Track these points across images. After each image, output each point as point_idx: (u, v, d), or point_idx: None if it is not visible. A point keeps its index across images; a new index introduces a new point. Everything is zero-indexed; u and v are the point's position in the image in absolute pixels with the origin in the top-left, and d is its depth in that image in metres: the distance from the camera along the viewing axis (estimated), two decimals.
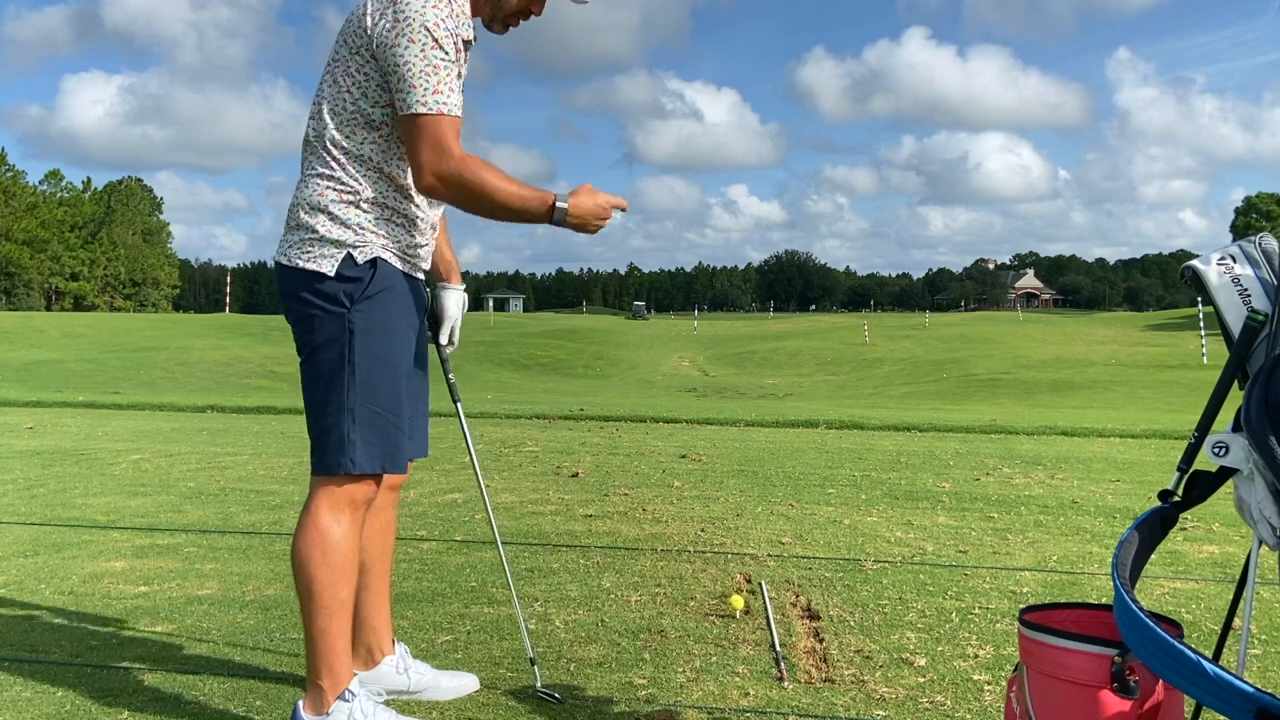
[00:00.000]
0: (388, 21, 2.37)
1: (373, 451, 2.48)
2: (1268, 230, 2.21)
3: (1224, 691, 1.53)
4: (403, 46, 2.35)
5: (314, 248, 2.47)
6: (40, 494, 6.09)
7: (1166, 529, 1.94)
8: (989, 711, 2.72)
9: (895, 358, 44.53)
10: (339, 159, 2.49)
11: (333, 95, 2.49)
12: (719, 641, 3.31)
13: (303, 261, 2.47)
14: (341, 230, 2.47)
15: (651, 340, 61.62)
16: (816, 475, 6.89)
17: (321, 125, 2.51)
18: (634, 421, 11.11)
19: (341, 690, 2.48)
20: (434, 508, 5.63)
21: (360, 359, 2.46)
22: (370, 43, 2.40)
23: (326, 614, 2.46)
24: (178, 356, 36.15)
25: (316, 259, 2.46)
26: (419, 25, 2.34)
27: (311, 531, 2.47)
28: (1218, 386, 1.92)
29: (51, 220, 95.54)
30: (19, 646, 3.24)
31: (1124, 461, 7.86)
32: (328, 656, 2.48)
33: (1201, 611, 3.69)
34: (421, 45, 2.35)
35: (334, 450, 2.46)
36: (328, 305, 2.46)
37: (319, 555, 2.46)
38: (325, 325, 2.47)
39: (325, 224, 2.47)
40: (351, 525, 2.51)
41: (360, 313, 2.46)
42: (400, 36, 2.35)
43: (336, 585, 2.47)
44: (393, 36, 2.36)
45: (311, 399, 2.51)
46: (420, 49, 2.35)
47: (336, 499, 2.49)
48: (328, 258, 2.46)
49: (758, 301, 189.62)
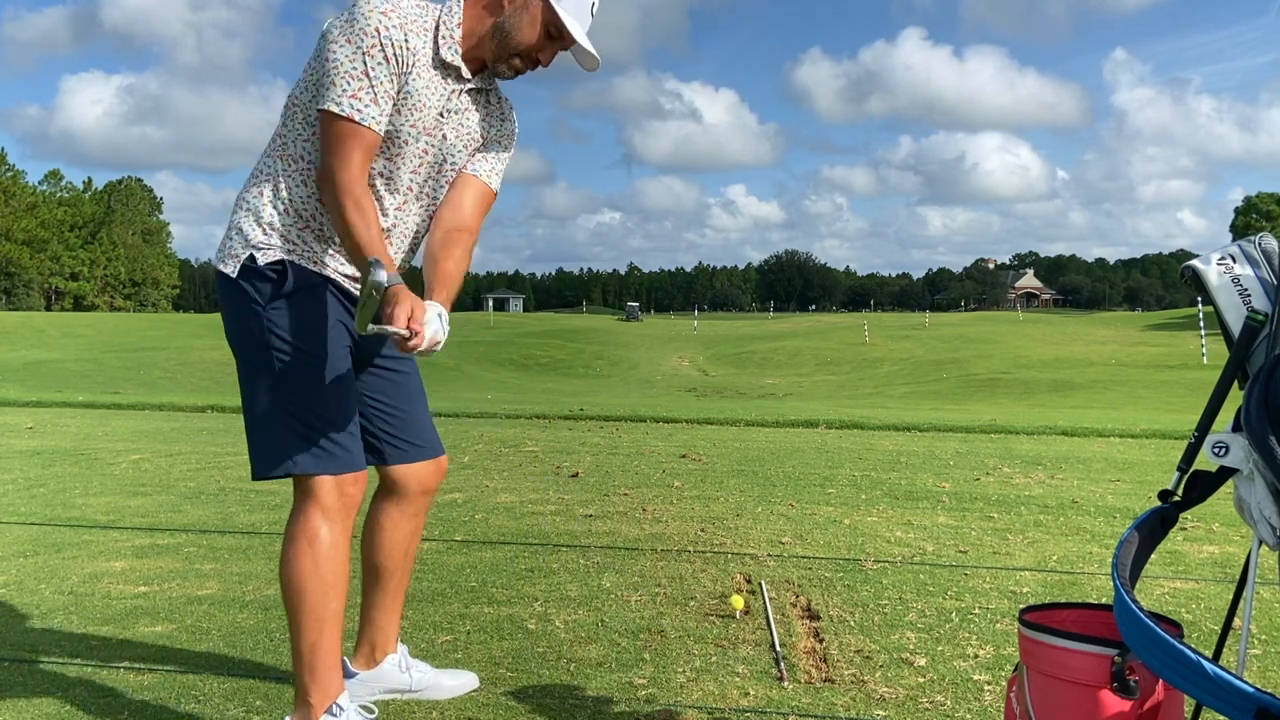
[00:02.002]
0: (340, 20, 2.35)
1: (316, 453, 2.41)
2: (1268, 230, 2.21)
3: (1224, 691, 1.53)
4: (340, 44, 2.32)
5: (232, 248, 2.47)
6: (40, 494, 6.09)
7: (1166, 529, 1.94)
8: (989, 711, 2.72)
9: (895, 358, 44.52)
10: (274, 158, 2.49)
11: (292, 93, 2.49)
12: (719, 641, 3.31)
13: (220, 264, 2.48)
14: (253, 230, 2.45)
15: (651, 340, 61.61)
16: (816, 475, 6.89)
17: (279, 123, 2.51)
18: (634, 421, 11.10)
19: (330, 705, 2.43)
20: (434, 508, 5.63)
21: (283, 358, 2.41)
22: (322, 38, 2.38)
23: (317, 627, 2.41)
24: (178, 356, 36.15)
25: (227, 259, 2.47)
26: (361, 28, 2.31)
27: (300, 541, 2.41)
28: (1218, 386, 1.92)
29: (51, 220, 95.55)
30: (19, 646, 3.24)
31: (1124, 461, 7.85)
32: (318, 671, 2.42)
33: (1201, 611, 3.69)
34: (357, 46, 2.31)
35: (273, 453, 2.40)
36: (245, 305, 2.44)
37: (309, 566, 2.40)
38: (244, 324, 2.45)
39: (248, 223, 2.46)
40: (343, 533, 2.45)
41: (276, 310, 2.42)
42: (341, 34, 2.32)
43: (328, 597, 2.41)
44: (335, 32, 2.33)
45: (246, 401, 2.47)
46: (355, 49, 2.31)
47: (321, 506, 2.42)
48: (235, 258, 2.45)
49: (758, 301, 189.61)
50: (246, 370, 2.46)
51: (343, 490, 2.45)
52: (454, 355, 35.55)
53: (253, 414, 2.45)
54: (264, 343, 2.41)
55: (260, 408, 2.43)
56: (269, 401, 2.41)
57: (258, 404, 2.43)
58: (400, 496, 2.77)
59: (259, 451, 2.43)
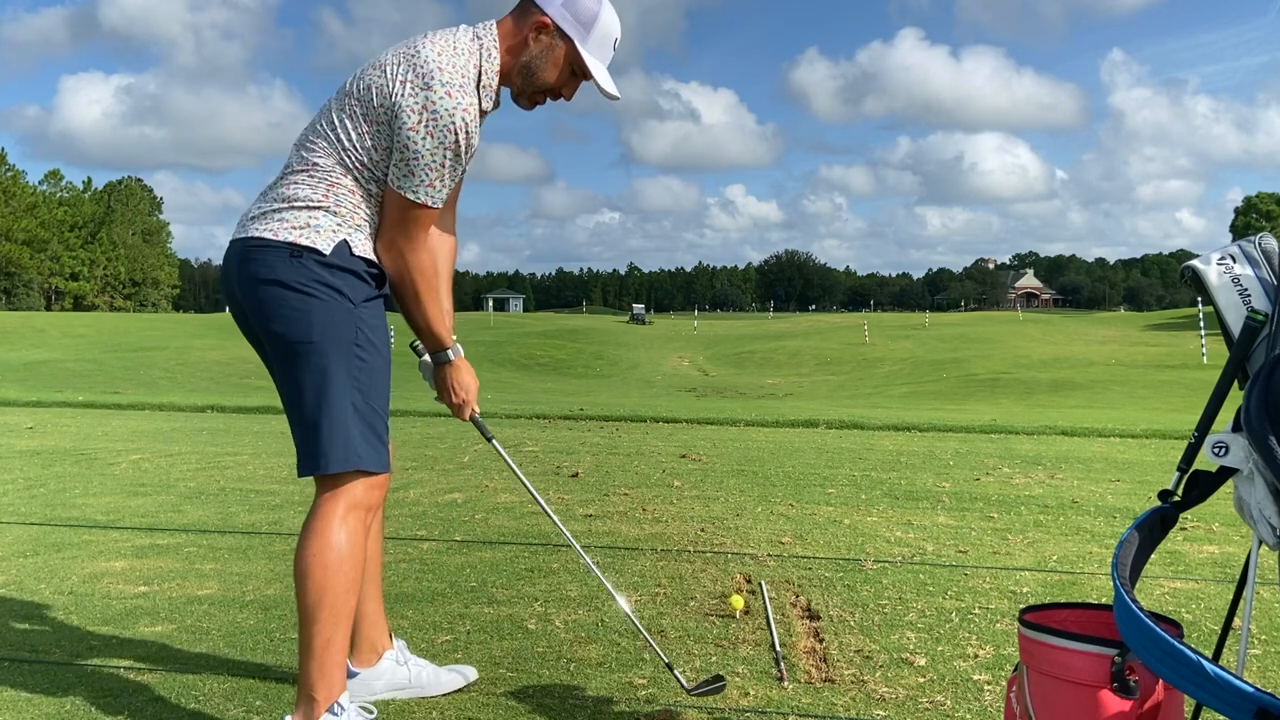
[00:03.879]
0: (416, 104, 2.38)
1: (374, 450, 2.46)
2: (1267, 230, 2.21)
3: (1224, 691, 1.53)
4: (421, 136, 2.39)
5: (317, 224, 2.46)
6: (40, 494, 6.09)
7: (1166, 529, 1.94)
8: (989, 711, 2.72)
9: (895, 358, 44.52)
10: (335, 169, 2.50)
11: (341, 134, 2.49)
12: (719, 641, 3.30)
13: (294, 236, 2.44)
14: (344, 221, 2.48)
15: (651, 340, 61.62)
16: (816, 475, 6.89)
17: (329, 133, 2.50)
18: (634, 421, 11.10)
19: (332, 703, 2.43)
20: (434, 508, 5.63)
21: (362, 357, 2.46)
22: (393, 117, 2.41)
23: (333, 624, 2.41)
24: (178, 356, 36.15)
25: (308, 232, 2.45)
26: (445, 124, 2.39)
27: (323, 539, 2.41)
28: (1218, 386, 1.92)
29: (51, 220, 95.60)
30: (19, 646, 3.24)
31: (1124, 461, 7.85)
32: (328, 668, 2.42)
33: (1201, 611, 3.69)
34: (439, 142, 2.40)
35: (340, 448, 2.41)
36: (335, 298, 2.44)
37: (333, 563, 2.40)
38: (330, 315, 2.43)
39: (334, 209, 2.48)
40: (362, 531, 2.47)
41: (367, 310, 2.49)
42: (423, 125, 2.39)
43: (349, 594, 2.43)
44: (415, 122, 2.39)
45: (306, 394, 2.44)
46: (437, 144, 2.40)
47: (351, 503, 2.44)
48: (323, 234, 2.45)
49: (758, 301, 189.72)
50: (319, 364, 2.42)
51: (374, 489, 2.50)
52: None
53: (322, 409, 2.42)
54: (350, 340, 2.44)
55: (333, 404, 2.42)
56: (342, 398, 2.42)
57: (330, 400, 2.42)
58: None
59: (329, 445, 2.41)
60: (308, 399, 2.44)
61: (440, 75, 2.39)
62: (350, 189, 2.49)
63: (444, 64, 2.41)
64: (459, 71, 2.42)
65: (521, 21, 2.52)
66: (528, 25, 2.50)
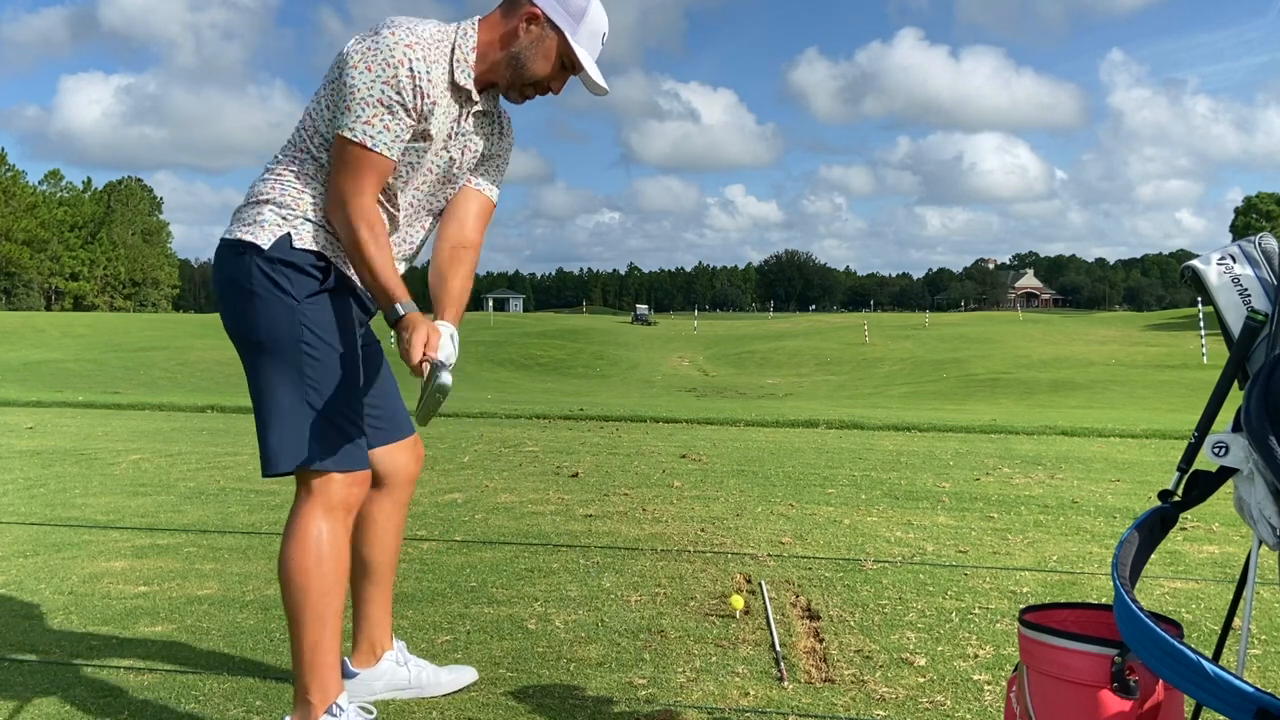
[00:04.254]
0: (361, 46, 2.34)
1: (331, 449, 2.41)
2: (1268, 230, 2.20)
3: (1224, 691, 1.53)
4: (360, 70, 2.31)
5: (262, 218, 2.42)
6: (40, 494, 6.09)
7: (1166, 529, 1.94)
8: (989, 711, 2.72)
9: (895, 358, 44.53)
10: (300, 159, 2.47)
11: (311, 106, 2.48)
12: (719, 641, 3.30)
13: (242, 233, 2.42)
14: (290, 213, 2.44)
15: (651, 340, 61.61)
16: (816, 475, 6.89)
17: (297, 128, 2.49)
18: (634, 421, 11.10)
19: (330, 704, 2.42)
20: (434, 508, 5.63)
21: (312, 355, 2.41)
22: (340, 67, 2.36)
23: (319, 626, 2.39)
24: (178, 356, 36.17)
25: (254, 227, 2.42)
26: (385, 58, 2.31)
27: (299, 541, 2.39)
28: (1218, 386, 1.92)
29: (51, 220, 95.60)
30: (19, 646, 3.24)
31: (1124, 461, 7.85)
32: (319, 670, 2.40)
33: (1201, 611, 3.69)
34: (378, 75, 2.31)
35: (289, 448, 2.38)
36: (275, 296, 2.39)
37: (313, 564, 2.38)
38: (271, 312, 2.39)
39: (284, 203, 2.44)
40: (342, 531, 2.44)
41: (311, 306, 2.42)
42: (363, 60, 2.32)
43: (330, 595, 2.40)
44: (356, 58, 2.33)
45: (255, 393, 2.42)
46: (375, 77, 2.31)
47: (326, 504, 2.41)
48: (265, 229, 2.41)
49: (758, 301, 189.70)
50: (266, 363, 2.40)
51: (350, 488, 2.45)
52: None
53: (270, 408, 2.40)
54: (295, 338, 2.39)
55: (280, 403, 2.39)
56: (291, 397, 2.39)
57: (277, 399, 2.39)
58: (389, 486, 2.77)
59: (278, 446, 2.38)
60: (256, 398, 2.42)
61: (391, 24, 2.36)
62: (297, 174, 2.43)
63: (399, 20, 2.37)
64: (416, 26, 2.38)
65: (511, 13, 2.49)
66: (518, 16, 2.47)
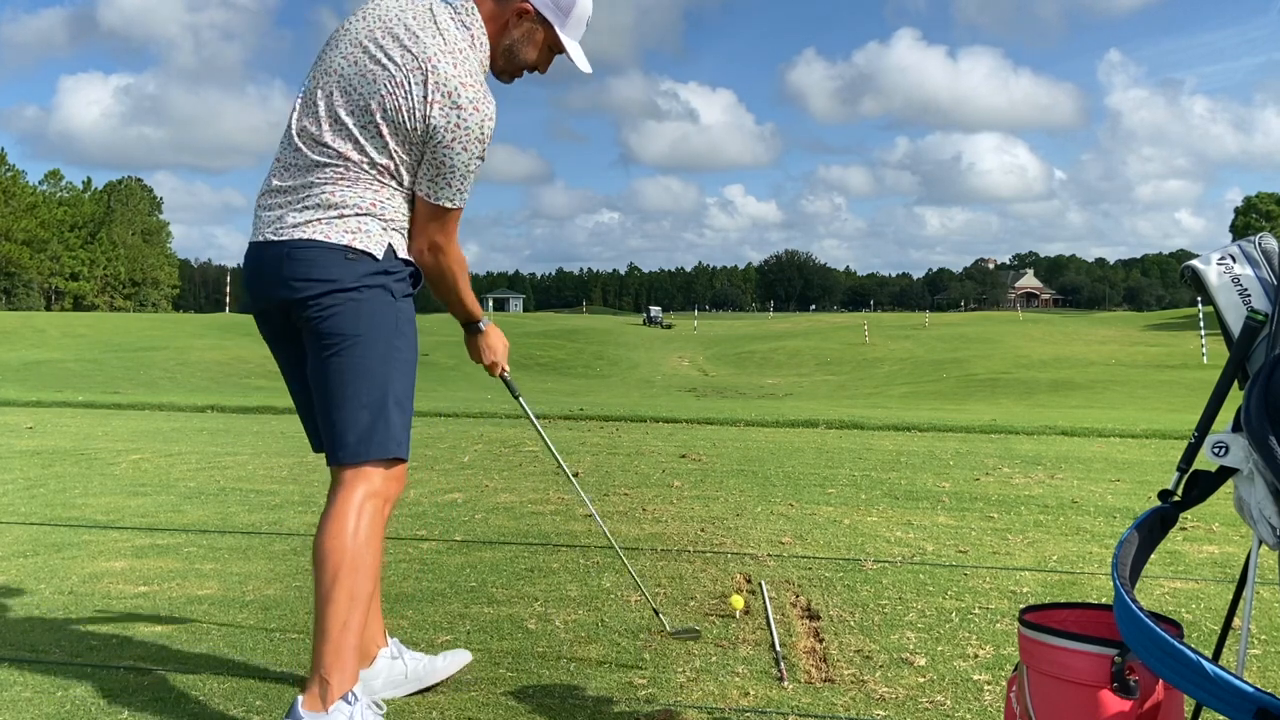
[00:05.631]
0: (449, 123, 2.50)
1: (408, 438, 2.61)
2: (1267, 230, 2.20)
3: (1224, 691, 1.53)
4: (457, 150, 2.53)
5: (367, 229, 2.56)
6: (40, 494, 6.09)
7: (1166, 529, 1.94)
8: (989, 711, 2.72)
9: (895, 358, 44.53)
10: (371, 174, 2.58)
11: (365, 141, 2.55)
12: (719, 641, 3.30)
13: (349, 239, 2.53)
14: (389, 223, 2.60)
15: (651, 340, 61.61)
16: (816, 475, 6.89)
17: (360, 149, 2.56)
18: (634, 421, 11.10)
19: (346, 691, 2.43)
20: (434, 508, 5.63)
21: (403, 351, 2.59)
22: (427, 138, 2.52)
23: (349, 607, 2.43)
24: (178, 356, 36.15)
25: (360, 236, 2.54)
26: (476, 137, 2.53)
27: (341, 523, 2.46)
28: (1218, 386, 1.92)
29: (51, 220, 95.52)
30: (19, 646, 3.24)
31: (1124, 461, 7.85)
32: (344, 652, 2.43)
33: (1201, 611, 3.69)
34: (472, 154, 2.55)
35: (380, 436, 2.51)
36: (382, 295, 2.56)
37: (351, 547, 2.44)
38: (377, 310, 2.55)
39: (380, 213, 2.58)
40: (380, 519, 2.55)
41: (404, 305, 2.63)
42: (456, 142, 2.52)
43: (363, 576, 2.47)
44: (449, 139, 2.51)
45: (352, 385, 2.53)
46: (470, 156, 2.55)
47: (370, 491, 2.50)
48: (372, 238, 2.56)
49: (757, 301, 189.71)
50: (358, 358, 2.51)
51: (398, 479, 2.60)
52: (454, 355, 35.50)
53: (354, 400, 2.51)
54: (390, 336, 2.56)
55: (378, 394, 2.53)
56: (387, 389, 2.54)
57: (361, 391, 2.51)
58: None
59: (385, 433, 2.52)
60: (338, 390, 2.52)
61: (465, 92, 2.51)
62: (391, 194, 2.60)
63: (464, 78, 2.52)
64: (474, 78, 2.55)
65: (502, 5, 2.64)
66: (508, 10, 2.64)
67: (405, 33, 2.55)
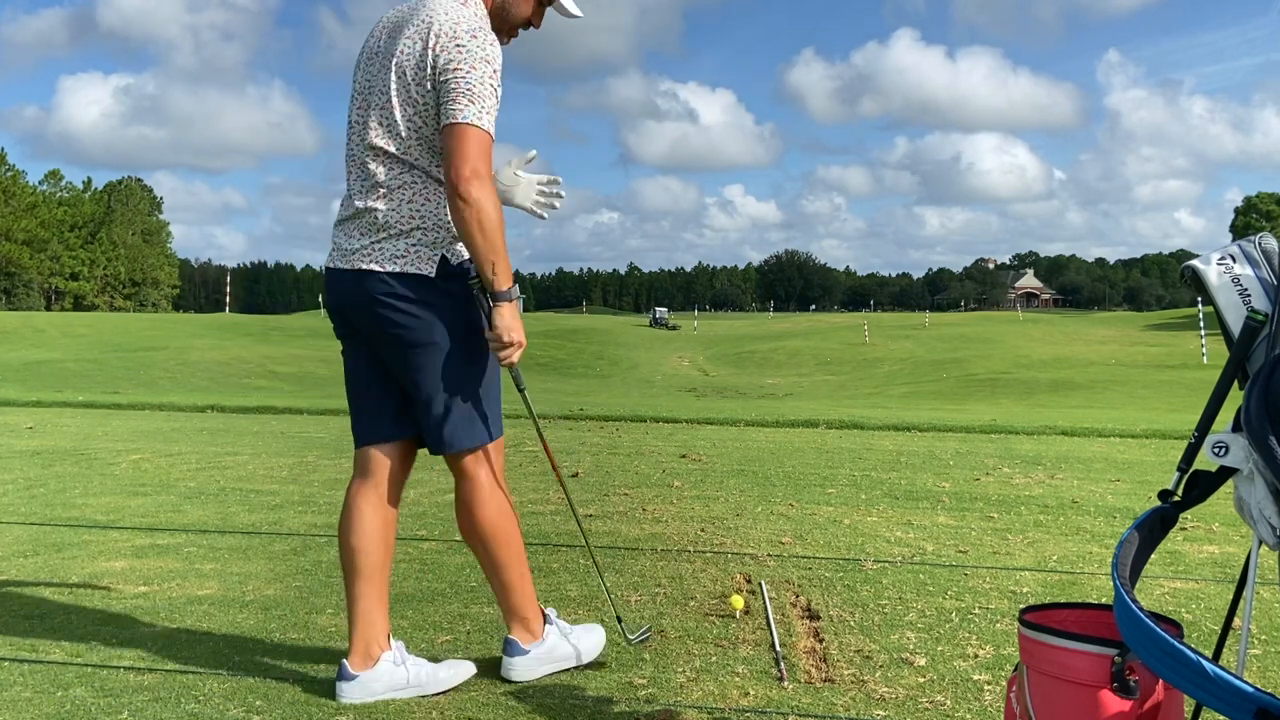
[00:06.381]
0: (453, 53, 2.62)
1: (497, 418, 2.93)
2: (1267, 230, 2.20)
3: (1224, 691, 1.53)
4: (467, 68, 2.61)
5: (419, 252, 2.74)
6: (40, 494, 6.09)
7: (1166, 529, 1.94)
8: (989, 711, 2.72)
9: (895, 358, 44.54)
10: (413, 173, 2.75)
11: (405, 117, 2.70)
12: (719, 641, 3.30)
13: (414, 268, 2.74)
14: (436, 236, 2.77)
15: (651, 340, 61.62)
16: (816, 475, 6.89)
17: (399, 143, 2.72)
18: (634, 421, 11.10)
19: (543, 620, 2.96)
20: (434, 508, 5.63)
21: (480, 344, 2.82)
22: (436, 75, 2.63)
23: (519, 558, 2.93)
24: (178, 356, 36.15)
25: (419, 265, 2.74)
26: (481, 58, 2.63)
27: (488, 499, 2.88)
28: (1218, 386, 1.92)
29: (51, 220, 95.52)
30: (19, 646, 3.24)
31: (1124, 461, 7.85)
32: (529, 595, 2.94)
33: (1201, 611, 3.69)
34: (481, 74, 2.62)
35: (480, 423, 2.85)
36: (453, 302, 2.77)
37: (501, 519, 2.89)
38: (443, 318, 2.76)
39: (428, 229, 2.75)
40: (500, 487, 2.94)
41: (471, 305, 2.81)
42: (464, 64, 2.61)
43: (517, 537, 2.96)
44: (455, 63, 2.61)
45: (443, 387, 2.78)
46: (480, 75, 2.62)
47: (489, 468, 2.89)
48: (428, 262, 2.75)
49: (758, 301, 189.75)
50: (443, 361, 2.76)
51: (499, 452, 2.96)
52: None
53: (450, 398, 2.79)
54: (463, 335, 2.78)
55: (475, 386, 2.82)
56: (467, 386, 2.81)
57: (454, 389, 2.79)
58: (377, 480, 2.94)
59: (485, 421, 2.86)
60: (431, 393, 2.78)
61: (463, 27, 2.66)
62: (424, 195, 2.73)
63: (461, 22, 2.67)
64: (471, 23, 2.68)
65: None
66: None
67: (408, 14, 2.78)
